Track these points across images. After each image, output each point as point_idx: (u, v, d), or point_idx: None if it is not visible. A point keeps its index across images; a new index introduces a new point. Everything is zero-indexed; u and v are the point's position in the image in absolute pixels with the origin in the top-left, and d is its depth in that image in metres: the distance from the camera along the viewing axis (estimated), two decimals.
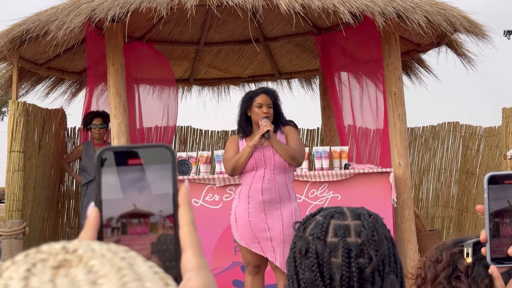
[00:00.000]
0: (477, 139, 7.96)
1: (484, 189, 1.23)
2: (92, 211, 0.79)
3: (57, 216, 8.15)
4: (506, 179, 1.23)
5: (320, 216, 1.44)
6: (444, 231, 8.53)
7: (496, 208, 1.23)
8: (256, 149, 4.66)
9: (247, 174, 4.68)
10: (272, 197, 4.61)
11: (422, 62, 8.05)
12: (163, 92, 8.00)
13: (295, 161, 4.65)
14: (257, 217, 4.63)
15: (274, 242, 4.61)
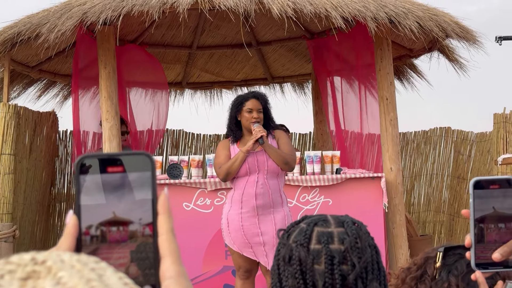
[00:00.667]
0: (468, 145, 7.98)
1: (470, 194, 1.23)
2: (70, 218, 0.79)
3: (48, 218, 8.13)
4: (492, 184, 1.23)
5: (304, 223, 1.44)
6: (435, 236, 8.54)
7: (481, 213, 1.23)
8: (249, 154, 4.66)
9: (240, 179, 4.68)
10: (266, 202, 4.62)
11: (414, 67, 8.07)
12: (155, 95, 7.98)
13: (288, 166, 4.67)
14: (250, 221, 4.63)
15: (267, 247, 4.61)
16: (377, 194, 5.99)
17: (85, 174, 0.80)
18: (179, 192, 5.94)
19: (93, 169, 0.80)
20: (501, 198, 1.23)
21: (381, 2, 5.61)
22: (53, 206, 8.27)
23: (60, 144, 8.33)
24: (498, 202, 1.23)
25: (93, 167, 0.80)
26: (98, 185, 0.80)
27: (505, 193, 1.23)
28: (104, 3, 5.47)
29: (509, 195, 1.23)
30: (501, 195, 1.23)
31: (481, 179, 1.23)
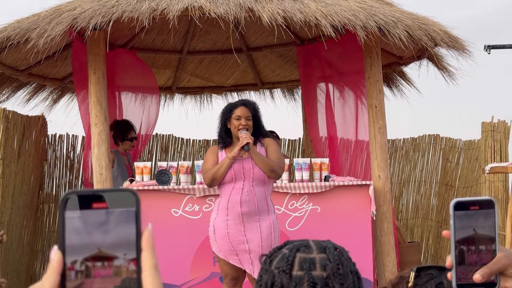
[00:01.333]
0: (457, 152, 8.01)
1: (450, 215, 1.23)
2: (55, 254, 0.79)
3: (36, 222, 8.11)
4: (472, 205, 1.24)
5: (286, 249, 1.44)
6: (423, 242, 8.57)
7: (462, 234, 1.24)
8: (236, 161, 4.67)
9: (226, 185, 4.69)
10: (251, 209, 4.62)
11: (403, 75, 8.10)
12: (145, 100, 7.97)
13: (274, 173, 4.67)
14: (236, 229, 4.63)
15: (252, 255, 4.62)
16: (365, 201, 6.01)
17: (70, 210, 0.81)
18: (167, 198, 5.94)
19: (77, 205, 0.81)
20: (481, 219, 1.24)
21: (371, 11, 5.63)
22: (41, 210, 8.24)
23: (49, 147, 8.30)
24: (478, 224, 1.23)
25: (78, 202, 0.81)
26: (83, 221, 0.81)
27: (486, 214, 1.24)
28: (94, 9, 5.47)
29: (489, 216, 1.24)
30: (482, 216, 1.23)
31: (461, 200, 1.24)
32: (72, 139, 8.41)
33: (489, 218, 1.23)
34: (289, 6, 5.42)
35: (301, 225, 5.98)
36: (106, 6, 5.45)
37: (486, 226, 1.23)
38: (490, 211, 1.23)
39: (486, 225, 1.23)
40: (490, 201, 1.24)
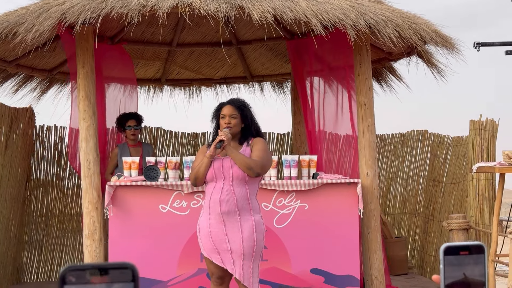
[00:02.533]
0: (445, 148, 8.04)
1: (440, 259, 1.24)
2: None
3: (23, 214, 8.08)
4: (462, 250, 1.25)
5: None
6: (410, 238, 8.62)
7: (451, 278, 1.24)
8: (216, 160, 4.68)
9: (209, 184, 4.74)
10: (231, 209, 4.63)
11: (393, 70, 8.10)
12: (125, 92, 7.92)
13: (252, 171, 4.63)
14: (218, 228, 4.65)
15: (234, 254, 4.63)
16: (353, 199, 6.02)
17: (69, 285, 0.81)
18: (155, 194, 5.94)
19: (76, 280, 0.81)
20: (471, 264, 1.24)
21: (361, 10, 5.62)
22: (28, 202, 8.22)
23: (36, 139, 8.26)
24: (468, 268, 1.24)
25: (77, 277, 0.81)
26: None
27: (476, 259, 1.24)
28: (83, 4, 5.43)
29: (479, 261, 1.24)
30: (472, 261, 1.24)
31: (452, 245, 1.24)
32: (60, 130, 8.37)
33: (479, 262, 1.24)
34: (280, 4, 5.40)
35: (288, 222, 6.00)
36: (96, 1, 5.41)
37: (476, 271, 1.24)
38: (480, 256, 1.24)
39: (476, 270, 1.24)
40: (480, 246, 1.24)
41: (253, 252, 4.64)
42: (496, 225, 6.23)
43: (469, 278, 1.24)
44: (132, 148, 7.22)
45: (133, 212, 5.93)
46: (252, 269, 4.65)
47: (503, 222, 15.00)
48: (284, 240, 5.97)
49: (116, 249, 5.90)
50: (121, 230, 5.91)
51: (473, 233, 6.75)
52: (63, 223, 8.39)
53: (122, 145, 7.31)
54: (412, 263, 8.44)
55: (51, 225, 8.33)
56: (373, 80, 7.08)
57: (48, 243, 8.33)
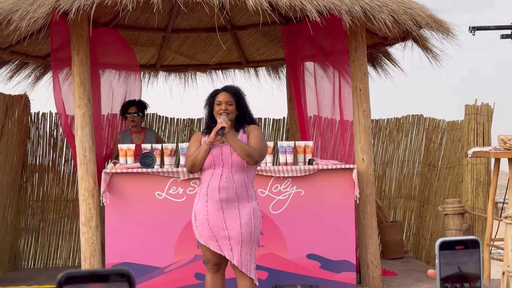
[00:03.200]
0: (440, 133, 8.05)
1: (436, 254, 1.26)
2: None
3: (19, 201, 8.09)
4: (457, 244, 1.27)
5: None
6: (405, 222, 8.65)
7: (447, 273, 1.26)
8: (215, 147, 4.67)
9: (206, 171, 4.71)
10: (230, 196, 4.64)
11: (388, 55, 8.10)
12: (127, 78, 7.92)
13: (251, 159, 4.64)
14: (216, 215, 4.65)
15: (232, 241, 4.64)
16: (349, 185, 6.04)
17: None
18: (151, 181, 5.95)
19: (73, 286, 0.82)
20: (466, 258, 1.27)
21: None
22: (24, 189, 8.22)
23: (32, 126, 8.26)
24: (463, 262, 1.26)
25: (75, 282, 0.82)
26: None
27: (471, 253, 1.27)
28: None
29: (474, 255, 1.27)
30: (467, 255, 1.27)
31: (447, 240, 1.26)
32: (55, 117, 8.35)
33: (474, 256, 1.26)
34: None
35: (285, 208, 6.02)
36: None
37: (471, 265, 1.26)
38: (475, 250, 1.26)
39: (471, 263, 1.26)
40: (475, 241, 1.27)
41: (251, 239, 4.66)
42: (491, 209, 6.25)
43: (464, 272, 1.26)
44: (134, 135, 7.24)
45: (129, 199, 5.94)
46: (249, 255, 4.67)
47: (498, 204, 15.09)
48: (280, 225, 6.00)
49: (113, 236, 5.92)
50: (118, 217, 5.92)
51: (468, 217, 6.78)
52: (59, 208, 8.40)
53: (125, 131, 7.34)
54: (408, 247, 8.48)
55: (47, 211, 8.34)
56: (368, 65, 7.08)
57: (44, 230, 8.34)
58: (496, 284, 6.08)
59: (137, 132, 7.27)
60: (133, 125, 7.25)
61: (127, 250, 5.91)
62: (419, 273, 7.14)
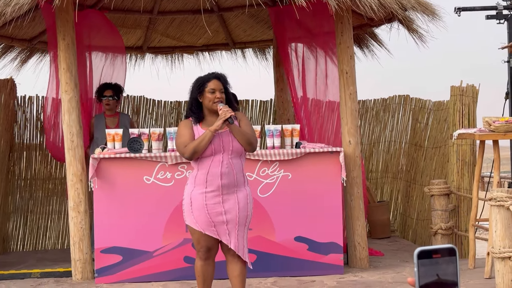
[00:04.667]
0: (426, 113, 8.10)
1: (414, 263, 1.30)
2: None
3: (7, 185, 8.09)
4: (434, 253, 1.31)
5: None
6: (392, 202, 8.73)
7: (425, 280, 1.31)
8: (214, 135, 4.69)
9: (205, 159, 4.71)
10: (230, 181, 4.69)
11: (374, 36, 8.11)
12: (114, 61, 7.89)
13: (251, 146, 4.73)
14: (214, 200, 4.69)
15: (229, 225, 4.69)
16: (336, 168, 6.09)
17: None
18: (139, 166, 5.97)
19: None
20: (444, 266, 1.31)
21: None
22: (12, 172, 8.22)
23: (18, 109, 8.24)
24: (441, 270, 1.31)
25: None
26: None
27: (448, 261, 1.31)
28: None
29: (451, 263, 1.31)
30: (444, 263, 1.31)
31: (424, 249, 1.30)
32: (42, 100, 8.33)
33: (451, 264, 1.31)
34: None
35: (272, 191, 6.06)
36: None
37: (449, 272, 1.31)
38: (452, 258, 1.31)
39: (448, 271, 1.31)
40: (452, 249, 1.31)
41: (246, 222, 4.74)
42: (476, 190, 6.33)
43: (442, 279, 1.31)
44: (109, 118, 7.23)
45: (117, 184, 5.96)
46: (244, 239, 4.74)
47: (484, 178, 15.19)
48: (268, 209, 6.04)
49: (102, 220, 5.95)
50: (106, 202, 5.95)
51: (454, 198, 6.86)
52: (47, 187, 8.41)
53: (99, 115, 7.33)
54: (395, 227, 8.57)
55: (36, 191, 8.35)
56: (354, 46, 7.10)
57: (33, 212, 8.36)
58: (481, 263, 6.18)
59: (111, 116, 7.26)
60: (107, 109, 7.23)
61: (116, 234, 5.94)
62: (406, 253, 7.23)
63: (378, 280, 5.91)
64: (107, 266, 5.95)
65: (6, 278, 6.23)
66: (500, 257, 5.31)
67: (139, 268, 5.96)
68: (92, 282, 6.01)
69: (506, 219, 5.30)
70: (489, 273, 5.75)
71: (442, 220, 6.55)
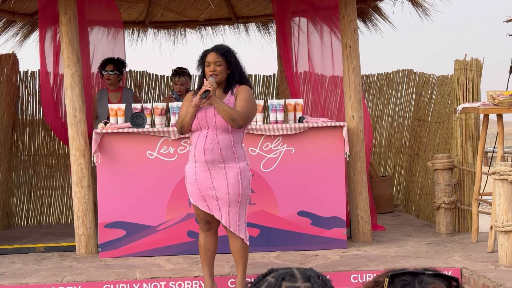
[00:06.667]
0: (430, 87, 8.06)
1: None
2: None
3: (11, 160, 8.10)
4: None
5: (271, 277, 1.49)
6: (395, 176, 8.73)
7: None
8: (200, 109, 4.69)
9: (194, 133, 4.76)
10: (215, 158, 4.67)
11: (378, 10, 8.05)
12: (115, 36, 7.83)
13: (234, 122, 4.62)
14: (203, 175, 4.71)
15: (220, 201, 4.70)
16: (339, 142, 6.08)
17: None
18: (142, 141, 5.96)
19: None
20: None
21: None
22: (15, 148, 8.23)
23: (21, 84, 8.22)
24: None
25: None
26: None
27: None
28: None
29: None
30: None
31: None
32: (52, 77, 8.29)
33: None
34: None
35: (275, 166, 6.06)
36: None
37: None
38: None
39: None
40: None
41: (239, 199, 4.71)
42: (480, 164, 6.32)
43: None
44: (111, 93, 7.21)
45: (120, 159, 5.96)
46: (238, 215, 4.73)
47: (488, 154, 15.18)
48: (271, 183, 6.04)
49: (105, 195, 5.95)
50: (110, 176, 5.95)
51: (457, 172, 6.84)
52: (51, 163, 8.42)
53: (102, 90, 7.31)
54: (398, 201, 8.57)
55: (39, 166, 8.36)
56: (358, 20, 7.05)
57: (37, 187, 8.38)
58: (484, 237, 6.18)
59: (114, 91, 7.23)
60: (109, 84, 7.21)
61: (120, 209, 5.95)
62: (409, 227, 7.24)
63: (381, 254, 5.93)
64: (111, 240, 5.97)
65: (10, 253, 6.26)
66: (503, 230, 5.32)
67: (142, 243, 5.98)
68: (96, 257, 6.03)
69: (510, 193, 5.30)
70: (492, 246, 5.76)
71: (445, 194, 6.55)
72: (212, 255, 4.90)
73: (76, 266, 5.73)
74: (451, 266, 5.37)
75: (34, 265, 5.83)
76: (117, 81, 7.26)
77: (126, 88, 7.48)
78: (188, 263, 5.73)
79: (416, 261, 5.59)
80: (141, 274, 5.38)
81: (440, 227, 6.60)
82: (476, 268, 5.25)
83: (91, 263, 5.81)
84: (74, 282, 5.22)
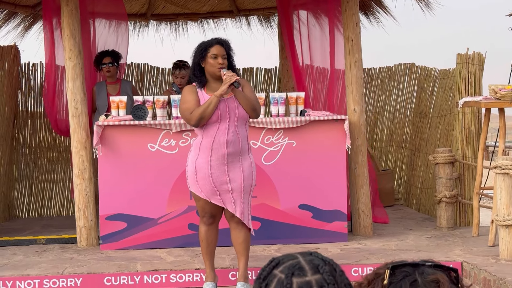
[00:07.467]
0: (431, 81, 8.05)
1: None
2: None
3: (12, 152, 8.10)
4: None
5: (280, 273, 1.46)
6: (396, 170, 8.73)
7: None
8: (221, 101, 4.67)
9: (210, 126, 4.67)
10: (236, 150, 4.69)
11: (380, 3, 8.03)
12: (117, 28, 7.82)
13: (255, 113, 4.73)
14: (219, 169, 4.68)
15: (234, 194, 4.70)
16: (341, 135, 6.07)
17: None
18: (144, 133, 5.96)
19: None
20: None
21: None
22: (16, 139, 8.23)
23: (22, 76, 8.22)
24: None
25: None
26: None
27: None
28: None
29: None
30: None
31: None
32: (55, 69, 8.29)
33: None
34: None
35: (277, 159, 6.06)
36: None
37: None
38: None
39: None
40: None
41: (250, 190, 4.77)
42: (481, 158, 6.31)
43: None
44: (110, 85, 7.20)
45: (122, 152, 5.96)
46: (248, 206, 4.76)
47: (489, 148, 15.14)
48: (272, 176, 6.04)
49: (106, 188, 5.96)
50: (111, 169, 5.95)
51: (458, 166, 6.84)
52: (52, 155, 8.42)
53: (100, 82, 7.30)
54: (399, 195, 8.57)
55: (40, 161, 8.36)
56: (360, 13, 7.03)
57: (38, 179, 8.38)
58: (485, 231, 6.19)
59: (113, 83, 7.22)
60: (108, 76, 7.19)
61: (121, 201, 5.96)
62: (410, 221, 7.24)
63: (381, 247, 5.93)
64: (112, 232, 5.98)
65: (11, 244, 6.27)
66: (504, 224, 5.32)
67: (143, 235, 5.99)
68: (97, 249, 6.04)
69: (511, 187, 5.30)
70: (493, 240, 5.77)
71: (446, 188, 6.54)
72: (214, 248, 4.91)
73: (77, 258, 5.74)
74: (452, 260, 5.37)
75: (35, 257, 5.84)
76: (116, 73, 7.25)
77: (125, 80, 7.47)
78: (189, 255, 5.74)
79: (417, 255, 5.60)
80: (142, 267, 5.39)
81: (441, 221, 6.60)
82: (477, 262, 5.25)
83: (92, 255, 5.82)
84: (75, 274, 5.23)
